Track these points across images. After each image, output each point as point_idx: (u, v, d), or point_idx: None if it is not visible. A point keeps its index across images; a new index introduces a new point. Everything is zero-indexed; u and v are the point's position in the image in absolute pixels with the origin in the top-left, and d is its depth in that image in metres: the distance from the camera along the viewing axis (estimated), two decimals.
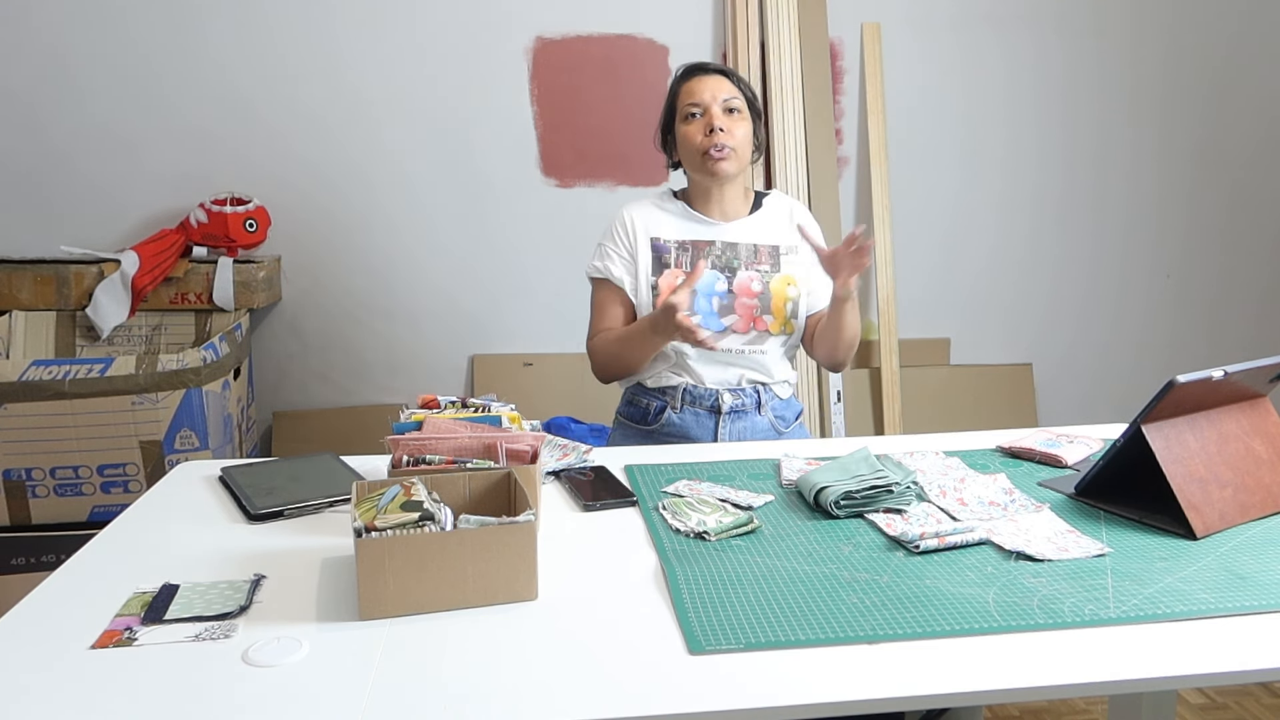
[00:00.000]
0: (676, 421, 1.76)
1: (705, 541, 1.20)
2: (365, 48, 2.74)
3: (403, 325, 2.90)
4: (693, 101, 1.74)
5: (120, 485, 2.28)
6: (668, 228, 1.80)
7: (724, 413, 1.75)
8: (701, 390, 1.75)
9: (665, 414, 1.77)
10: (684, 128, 1.76)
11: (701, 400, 1.75)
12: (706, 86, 1.75)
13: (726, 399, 1.75)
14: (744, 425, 1.77)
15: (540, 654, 0.92)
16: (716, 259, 1.77)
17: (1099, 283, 3.15)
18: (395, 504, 1.04)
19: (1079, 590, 1.04)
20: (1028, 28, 2.96)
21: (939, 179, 3.01)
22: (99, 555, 1.17)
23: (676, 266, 1.77)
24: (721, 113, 1.73)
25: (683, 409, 1.76)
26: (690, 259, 1.77)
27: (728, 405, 1.75)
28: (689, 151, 1.76)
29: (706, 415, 1.76)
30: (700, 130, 1.73)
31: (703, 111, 1.74)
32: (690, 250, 1.78)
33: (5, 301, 2.50)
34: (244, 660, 0.91)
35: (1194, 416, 1.28)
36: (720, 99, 1.74)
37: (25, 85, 2.64)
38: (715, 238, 1.79)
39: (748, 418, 1.77)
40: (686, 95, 1.76)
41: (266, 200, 2.70)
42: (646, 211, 1.83)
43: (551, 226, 2.88)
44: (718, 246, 1.78)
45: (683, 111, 1.76)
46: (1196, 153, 3.11)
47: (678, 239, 1.79)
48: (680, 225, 1.80)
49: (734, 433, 1.77)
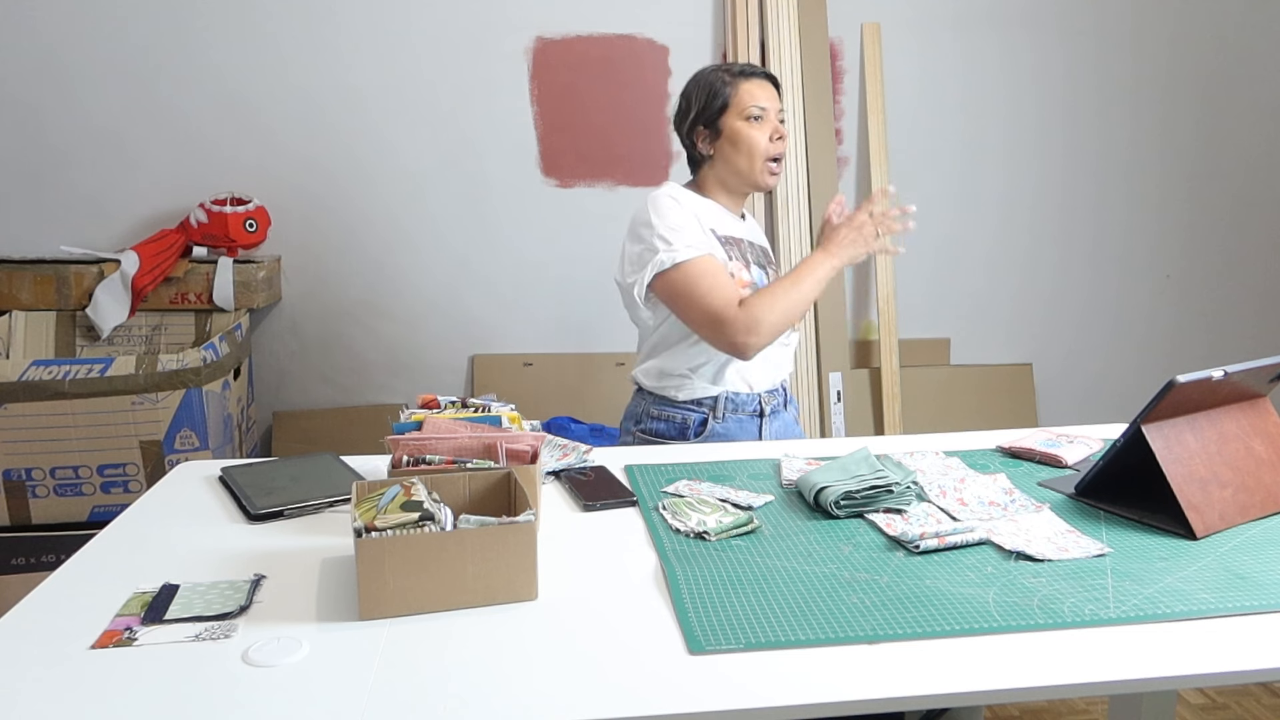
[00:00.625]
0: (720, 431, 1.71)
1: (705, 541, 1.20)
2: (366, 48, 2.74)
3: (403, 325, 2.90)
4: (759, 104, 1.70)
5: (120, 485, 2.28)
6: (716, 221, 1.73)
7: (767, 414, 1.76)
8: (744, 396, 1.73)
9: (708, 425, 1.71)
10: (747, 129, 1.70)
11: (744, 406, 1.73)
12: (769, 94, 1.72)
13: (767, 401, 1.76)
14: (779, 424, 1.79)
15: (540, 654, 0.92)
16: (750, 257, 1.76)
17: (1099, 283, 3.15)
18: (395, 504, 1.04)
19: (1079, 590, 1.04)
20: (1028, 27, 2.96)
21: (939, 179, 3.01)
22: (99, 555, 1.17)
23: (738, 261, 1.70)
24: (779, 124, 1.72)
25: (725, 418, 1.72)
26: (738, 254, 1.72)
27: (770, 406, 1.76)
28: (749, 153, 1.70)
29: (749, 419, 1.74)
30: (766, 135, 1.70)
31: (764, 117, 1.71)
32: (730, 245, 1.73)
33: (5, 301, 2.50)
34: (244, 660, 0.91)
35: (1194, 416, 1.28)
36: (777, 110, 1.73)
37: (25, 85, 2.64)
38: (745, 236, 1.79)
39: (780, 416, 1.79)
40: (751, 96, 1.70)
41: (266, 200, 2.70)
42: (689, 201, 1.71)
43: (551, 226, 2.88)
44: (745, 244, 1.78)
45: (747, 111, 1.70)
46: (1197, 152, 3.11)
47: (724, 234, 1.72)
48: (721, 221, 1.74)
49: (774, 431, 1.77)
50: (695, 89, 1.75)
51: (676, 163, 2.88)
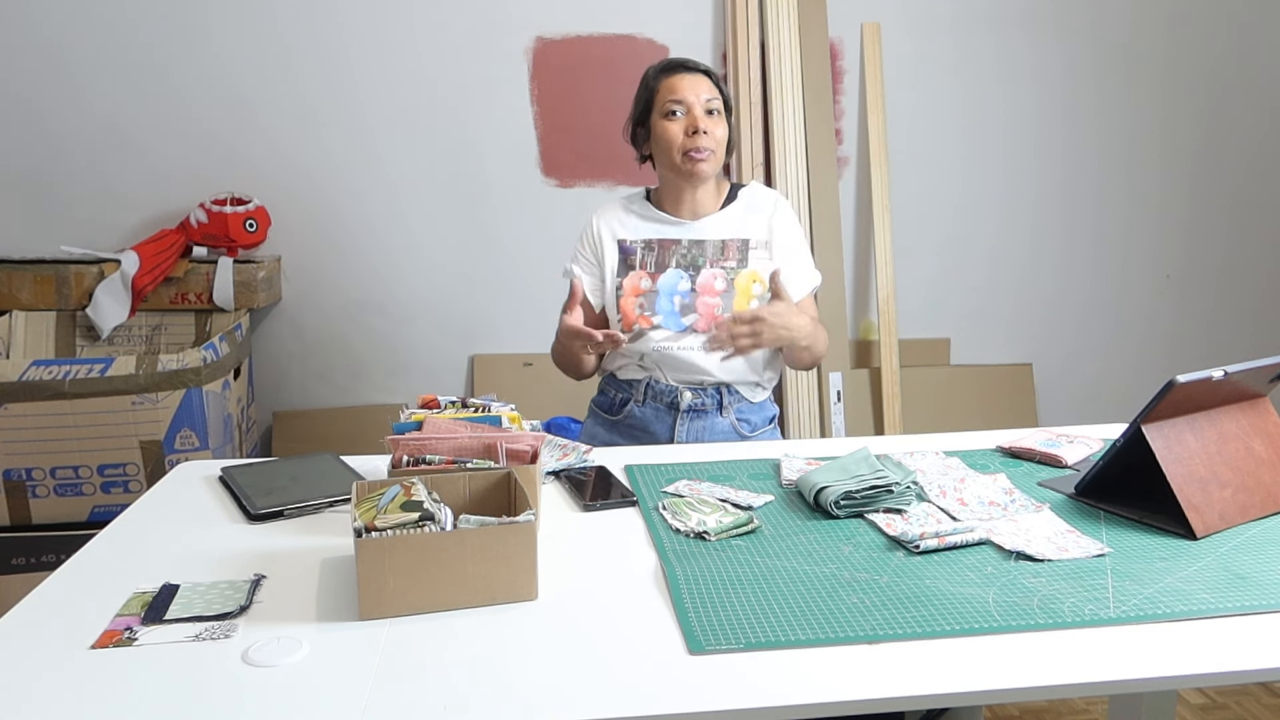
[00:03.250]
0: (638, 414, 1.77)
1: (705, 541, 1.20)
2: (366, 48, 2.74)
3: (403, 325, 2.90)
4: (675, 98, 1.71)
5: (120, 485, 2.28)
6: (634, 229, 1.81)
7: (681, 410, 1.75)
8: (662, 386, 1.75)
9: (629, 406, 1.78)
10: (664, 124, 1.73)
11: (661, 396, 1.75)
12: (689, 85, 1.72)
13: (685, 397, 1.74)
14: (703, 425, 1.75)
15: (540, 654, 0.92)
16: (681, 257, 1.77)
17: (1099, 283, 3.15)
18: (395, 504, 1.04)
19: (1079, 590, 1.04)
20: (1028, 27, 2.96)
21: (939, 179, 3.01)
22: (99, 555, 1.17)
23: (641, 268, 1.78)
24: (703, 114, 1.71)
25: (645, 403, 1.76)
26: (656, 258, 1.77)
27: (685, 403, 1.74)
28: (667, 149, 1.73)
29: (665, 411, 1.76)
30: (682, 129, 1.71)
31: (685, 110, 1.71)
32: (656, 250, 1.78)
33: (5, 301, 2.50)
34: (244, 660, 0.91)
35: (1194, 416, 1.28)
36: (702, 99, 1.71)
37: (25, 84, 2.64)
38: (682, 236, 1.78)
39: (707, 418, 1.75)
40: (669, 91, 1.73)
41: (266, 200, 2.70)
42: (613, 214, 1.84)
43: (552, 226, 2.88)
44: (684, 245, 1.77)
45: (664, 108, 1.73)
46: (1197, 152, 3.11)
47: (644, 239, 1.79)
48: (647, 226, 1.81)
49: (691, 432, 1.75)
50: (636, 93, 1.81)
51: None
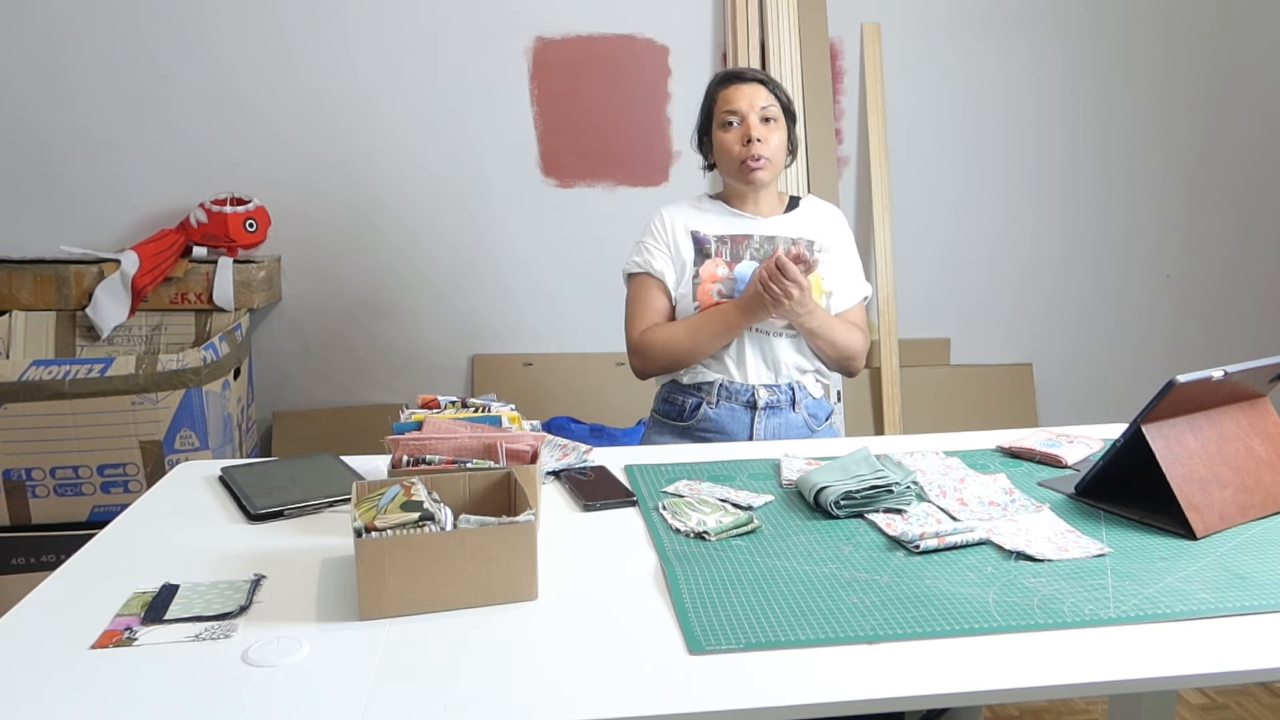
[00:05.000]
0: (713, 417, 1.77)
1: (705, 541, 1.20)
2: (366, 47, 2.73)
3: (403, 325, 2.90)
4: (730, 109, 1.77)
5: (120, 485, 2.28)
6: (707, 223, 1.84)
7: (759, 408, 1.76)
8: (738, 385, 1.77)
9: (701, 409, 1.78)
10: (722, 135, 1.79)
11: (738, 395, 1.77)
12: (744, 95, 1.77)
13: (762, 394, 1.76)
14: (779, 422, 1.78)
15: (540, 654, 0.92)
16: (755, 251, 1.80)
17: (1099, 282, 3.15)
18: (395, 504, 1.04)
19: (1079, 590, 1.04)
20: (1027, 28, 2.96)
21: (939, 179, 3.01)
22: (99, 555, 1.17)
23: (716, 256, 1.80)
24: (758, 122, 1.76)
25: (719, 404, 1.77)
26: (730, 250, 1.80)
27: (763, 400, 1.76)
28: (727, 159, 1.79)
29: (742, 410, 1.77)
30: (738, 140, 1.77)
31: (740, 120, 1.76)
32: (729, 242, 1.81)
33: (5, 301, 2.50)
34: (244, 660, 0.91)
35: (1194, 416, 1.28)
36: (758, 107, 1.76)
37: (26, 84, 2.64)
38: (754, 231, 1.82)
39: (782, 414, 1.78)
40: (724, 103, 1.78)
41: (266, 200, 2.70)
42: (683, 210, 1.87)
43: (551, 226, 2.88)
44: (756, 240, 1.81)
45: (720, 119, 1.79)
46: (1197, 152, 3.11)
47: (717, 233, 1.82)
48: (719, 220, 1.85)
49: (769, 429, 1.78)
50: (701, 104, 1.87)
51: (676, 163, 2.88)
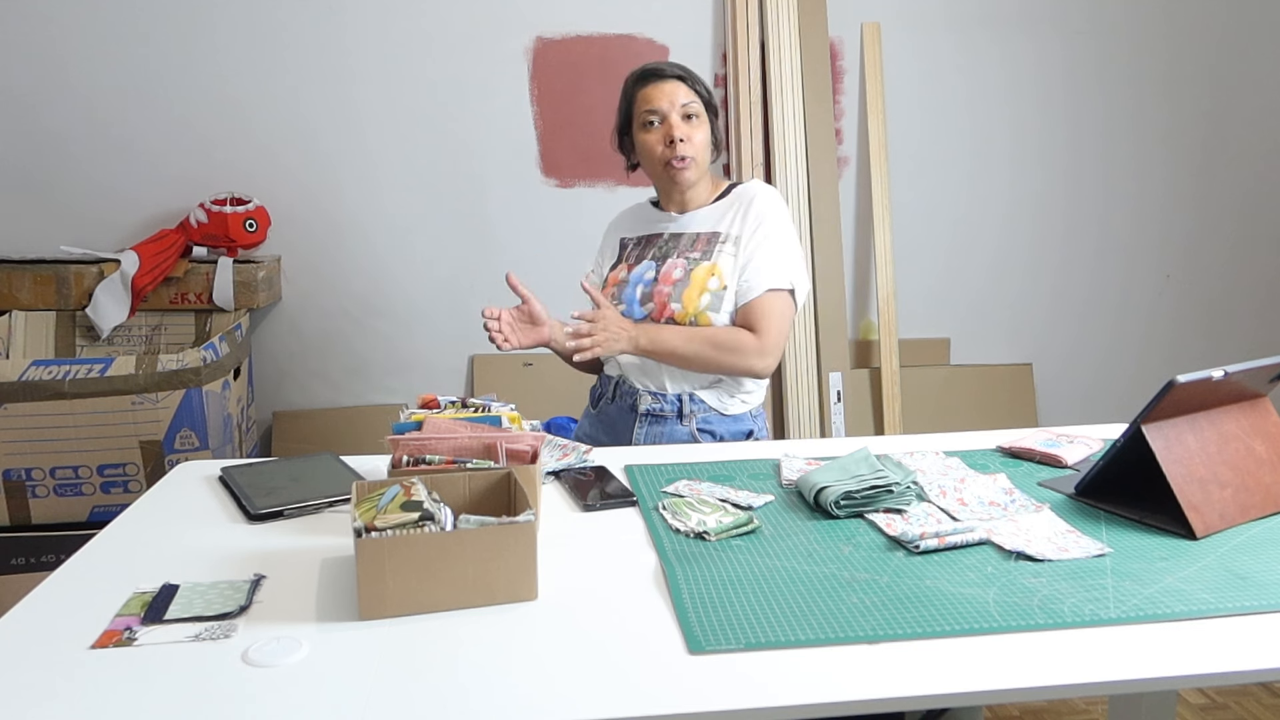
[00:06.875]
0: (609, 412, 1.79)
1: (705, 541, 1.20)
2: (366, 47, 2.74)
3: (403, 325, 2.90)
4: (650, 109, 1.70)
5: (120, 485, 2.28)
6: (633, 227, 1.87)
7: (640, 413, 1.74)
8: (627, 386, 1.77)
9: (601, 401, 1.82)
10: (644, 136, 1.72)
11: (625, 396, 1.76)
12: (664, 93, 1.69)
13: (644, 400, 1.73)
14: (660, 430, 1.72)
15: (540, 654, 0.92)
16: (658, 250, 1.79)
17: (1099, 283, 3.15)
18: (395, 504, 1.04)
19: (1079, 590, 1.04)
20: (1028, 27, 2.96)
21: (939, 178, 3.01)
22: (99, 555, 1.17)
23: (625, 261, 1.82)
24: (680, 120, 1.69)
25: (613, 400, 1.79)
26: (639, 252, 1.81)
27: (644, 407, 1.73)
28: (650, 160, 1.74)
29: (628, 412, 1.75)
30: (660, 140, 1.70)
31: (661, 119, 1.70)
32: (641, 244, 1.82)
33: (5, 301, 2.50)
34: (244, 660, 0.91)
35: (1194, 416, 1.28)
36: (679, 105, 1.69)
37: (25, 85, 2.64)
38: (665, 229, 1.81)
39: (666, 424, 1.72)
40: (644, 102, 1.71)
41: (266, 200, 2.70)
42: (625, 217, 1.91)
43: (551, 226, 2.88)
44: (664, 238, 1.80)
45: (641, 119, 1.72)
46: (1198, 152, 3.11)
47: (637, 235, 1.84)
48: (640, 222, 1.86)
49: (650, 435, 1.73)
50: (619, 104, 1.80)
51: None
